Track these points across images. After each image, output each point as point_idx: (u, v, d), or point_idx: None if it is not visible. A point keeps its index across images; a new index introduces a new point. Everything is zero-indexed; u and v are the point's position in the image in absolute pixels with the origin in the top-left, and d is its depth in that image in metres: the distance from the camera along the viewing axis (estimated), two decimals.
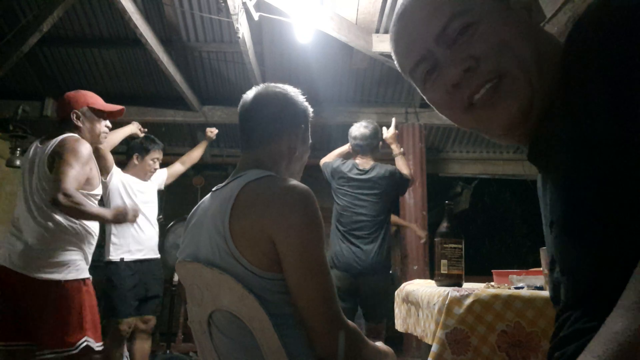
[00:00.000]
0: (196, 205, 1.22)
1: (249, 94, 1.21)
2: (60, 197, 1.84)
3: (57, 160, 1.95)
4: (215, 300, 1.03)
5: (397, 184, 2.92)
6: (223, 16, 3.43)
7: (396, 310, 1.83)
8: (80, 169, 1.96)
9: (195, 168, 3.58)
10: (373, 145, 2.93)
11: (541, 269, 1.40)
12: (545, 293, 1.23)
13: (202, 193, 4.75)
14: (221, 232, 1.01)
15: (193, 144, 5.62)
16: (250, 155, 1.17)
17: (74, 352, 1.89)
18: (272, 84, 1.23)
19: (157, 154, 3.12)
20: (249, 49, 3.56)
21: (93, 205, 2.05)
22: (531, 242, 7.31)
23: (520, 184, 6.21)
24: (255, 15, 3.00)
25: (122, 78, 4.77)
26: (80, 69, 4.66)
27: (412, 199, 4.52)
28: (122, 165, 3.07)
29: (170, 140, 5.56)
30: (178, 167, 3.40)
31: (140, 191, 3.06)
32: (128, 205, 2.45)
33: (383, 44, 3.43)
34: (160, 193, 3.33)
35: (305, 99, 1.25)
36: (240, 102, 1.21)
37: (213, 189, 1.19)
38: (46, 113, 4.69)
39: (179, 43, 4.22)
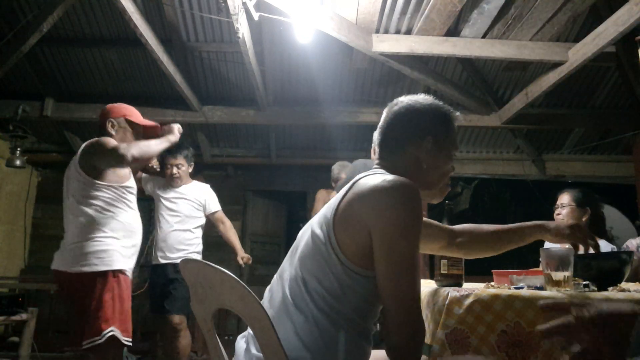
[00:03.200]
0: None
1: None
2: (127, 155, 1.97)
3: (97, 150, 2.05)
4: (218, 299, 1.06)
5: None
6: (223, 16, 3.43)
7: None
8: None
9: (196, 168, 3.58)
10: None
11: (541, 269, 1.40)
12: (545, 293, 1.23)
13: None
14: (329, 215, 1.06)
15: (193, 144, 5.63)
16: (382, 162, 1.21)
17: (100, 341, 1.94)
18: (412, 95, 1.24)
19: (170, 160, 3.15)
20: (249, 49, 3.55)
21: (151, 142, 2.19)
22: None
23: (520, 184, 6.20)
24: (255, 15, 3.00)
25: (122, 78, 4.77)
26: (80, 69, 4.66)
27: None
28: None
29: None
30: (220, 221, 3.42)
31: (167, 199, 3.20)
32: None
33: (383, 44, 3.42)
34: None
35: (438, 106, 1.22)
36: None
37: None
38: (46, 113, 4.69)
39: (179, 43, 4.21)
